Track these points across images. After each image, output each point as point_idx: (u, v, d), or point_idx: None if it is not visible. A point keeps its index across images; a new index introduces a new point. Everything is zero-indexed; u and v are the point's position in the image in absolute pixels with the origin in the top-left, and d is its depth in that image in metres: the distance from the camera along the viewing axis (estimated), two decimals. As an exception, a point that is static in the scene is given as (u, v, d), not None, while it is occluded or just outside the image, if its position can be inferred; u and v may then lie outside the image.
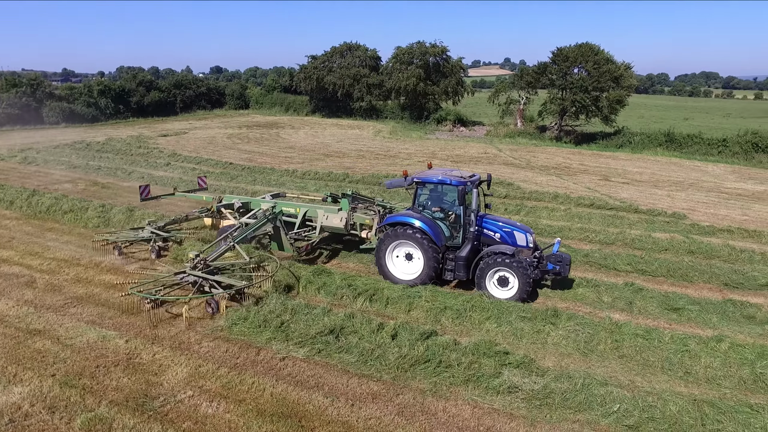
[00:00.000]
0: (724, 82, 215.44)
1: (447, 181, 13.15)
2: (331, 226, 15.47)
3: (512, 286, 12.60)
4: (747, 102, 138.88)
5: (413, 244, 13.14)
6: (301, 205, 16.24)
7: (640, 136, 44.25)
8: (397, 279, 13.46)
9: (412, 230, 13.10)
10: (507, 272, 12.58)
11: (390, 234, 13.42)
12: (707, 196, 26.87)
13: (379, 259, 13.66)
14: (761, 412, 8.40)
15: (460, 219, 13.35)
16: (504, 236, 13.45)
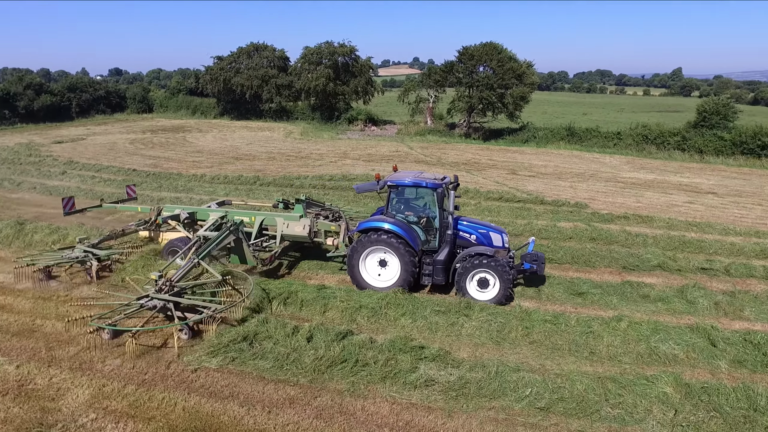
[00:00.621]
0: (617, 79, 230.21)
1: (422, 184, 12.83)
2: (293, 234, 14.54)
3: (492, 288, 12.47)
4: (637, 98, 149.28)
5: (389, 249, 12.64)
6: (257, 213, 15.03)
7: (543, 131, 46.30)
8: (371, 287, 12.89)
9: (387, 235, 12.58)
10: (487, 274, 12.41)
11: (364, 240, 12.79)
12: (606, 186, 28.51)
13: (352, 267, 13.02)
14: (656, 383, 8.97)
15: (435, 222, 13.09)
16: (480, 237, 13.28)
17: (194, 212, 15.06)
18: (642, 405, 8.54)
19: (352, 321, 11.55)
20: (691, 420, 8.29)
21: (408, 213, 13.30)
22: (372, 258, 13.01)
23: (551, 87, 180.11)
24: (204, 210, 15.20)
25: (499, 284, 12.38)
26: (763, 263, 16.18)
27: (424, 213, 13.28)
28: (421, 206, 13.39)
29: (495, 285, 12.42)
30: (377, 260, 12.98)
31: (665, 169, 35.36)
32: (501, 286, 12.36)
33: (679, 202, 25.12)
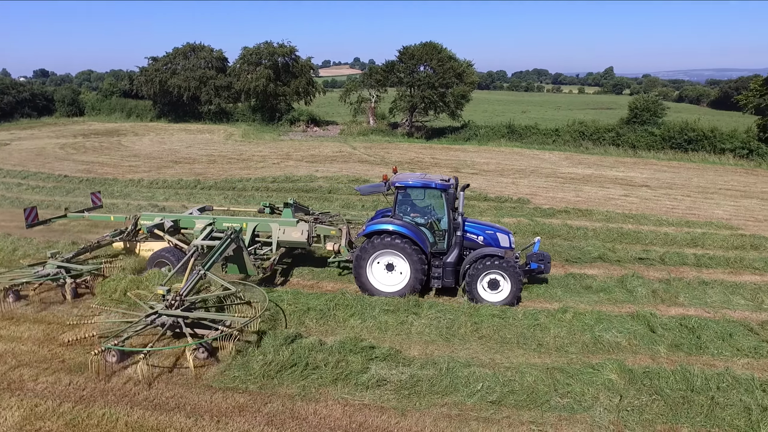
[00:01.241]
0: (553, 78, 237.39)
1: (431, 185, 12.56)
2: (290, 240, 13.90)
3: (503, 289, 12.32)
4: (573, 96, 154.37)
5: (398, 253, 12.30)
6: (249, 219, 14.25)
7: (485, 129, 47.12)
8: (379, 292, 12.51)
9: (396, 238, 12.25)
10: (498, 275, 12.25)
11: (372, 244, 12.37)
12: (546, 182, 29.24)
13: (359, 272, 12.57)
14: (601, 370, 9.22)
15: (443, 224, 12.82)
16: (487, 239, 13.06)
17: (177, 220, 14.30)
18: (589, 393, 8.74)
19: (301, 324, 11.33)
20: (635, 404, 8.55)
21: (415, 215, 13.03)
22: (379, 262, 12.62)
23: (490, 86, 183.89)
24: (188, 217, 14.40)
25: (510, 285, 12.27)
26: (694, 251, 16.94)
27: (432, 214, 13.02)
28: (429, 208, 13.11)
29: (506, 286, 12.31)
30: (384, 264, 12.60)
31: (601, 164, 36.64)
32: (512, 287, 12.26)
33: (616, 196, 26.05)
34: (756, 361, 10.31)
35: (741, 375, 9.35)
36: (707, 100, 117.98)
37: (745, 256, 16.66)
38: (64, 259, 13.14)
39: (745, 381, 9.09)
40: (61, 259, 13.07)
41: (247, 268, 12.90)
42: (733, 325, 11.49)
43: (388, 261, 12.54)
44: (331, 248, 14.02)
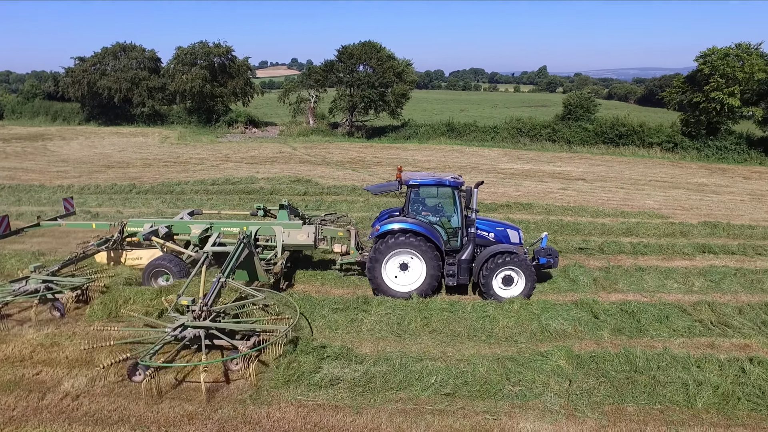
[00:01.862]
0: (489, 77, 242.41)
1: (445, 183, 12.48)
2: (296, 243, 13.43)
3: (517, 285, 12.40)
4: (509, 94, 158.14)
5: (414, 252, 12.14)
6: (250, 223, 13.51)
7: (425, 128, 47.58)
8: (394, 293, 12.28)
9: (412, 237, 12.09)
10: (512, 271, 12.34)
11: (386, 243, 12.14)
12: (487, 177, 29.70)
13: (374, 273, 12.31)
14: (550, 357, 9.43)
15: (456, 221, 12.72)
16: (498, 235, 13.02)
17: (170, 226, 13.58)
18: (540, 380, 8.92)
19: (249, 326, 11.05)
20: (584, 387, 8.79)
21: (427, 213, 12.90)
22: (393, 262, 12.40)
23: (429, 85, 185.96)
24: (182, 223, 13.71)
25: (524, 281, 12.34)
26: (630, 240, 17.65)
27: (444, 212, 12.93)
28: (442, 206, 13.02)
29: (520, 282, 12.39)
30: (398, 264, 12.40)
31: (539, 159, 37.68)
32: (527, 283, 12.34)
33: (554, 189, 26.83)
34: (690, 340, 10.86)
35: (678, 353, 9.78)
36: (634, 97, 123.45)
37: (675, 242, 17.50)
38: (50, 273, 11.96)
39: (682, 359, 9.52)
40: (46, 273, 11.86)
41: (258, 274, 12.30)
42: (669, 308, 12.04)
43: (402, 260, 12.37)
44: (339, 250, 13.67)
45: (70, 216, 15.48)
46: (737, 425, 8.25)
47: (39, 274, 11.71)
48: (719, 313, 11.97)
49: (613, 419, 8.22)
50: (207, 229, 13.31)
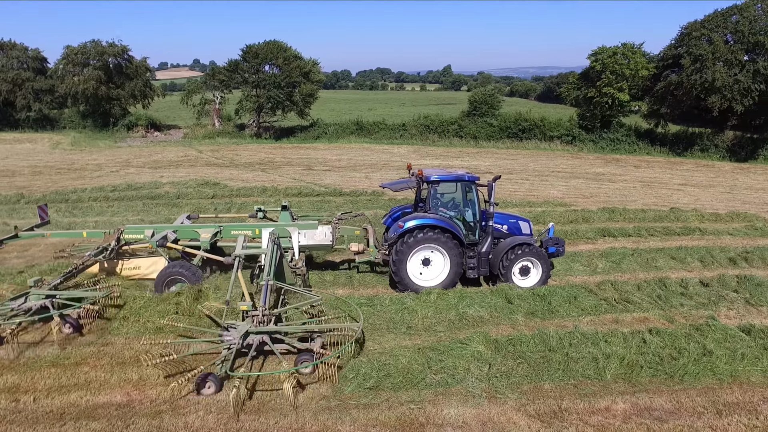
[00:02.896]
0: (396, 76, 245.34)
1: (465, 178, 12.73)
2: (313, 244, 13.18)
3: (534, 275, 12.87)
4: (415, 93, 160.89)
5: (438, 247, 12.30)
6: (263, 225, 13.21)
7: (334, 127, 47.44)
8: (419, 287, 12.34)
9: (436, 233, 12.21)
10: (529, 262, 12.78)
11: (412, 240, 12.18)
12: (398, 174, 30.00)
13: (400, 270, 12.32)
14: (469, 344, 9.60)
15: (474, 215, 12.96)
16: (511, 228, 13.44)
17: (175, 231, 12.97)
18: (461, 366, 9.06)
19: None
20: (503, 370, 9.03)
21: (447, 208, 13.06)
22: (415, 258, 12.45)
23: (336, 85, 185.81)
24: (188, 227, 13.16)
25: (541, 270, 12.83)
26: (537, 228, 18.36)
27: (463, 206, 13.14)
28: (461, 200, 13.21)
29: (537, 271, 12.87)
30: (420, 260, 12.49)
31: (448, 155, 38.59)
32: (543, 272, 12.83)
33: (463, 183, 27.47)
34: (597, 318, 11.48)
35: (587, 331, 10.27)
36: (534, 94, 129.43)
37: (579, 228, 18.48)
38: (52, 287, 10.84)
39: (591, 335, 10.00)
40: (48, 288, 10.73)
41: (285, 277, 11.78)
42: (576, 289, 12.65)
43: (424, 256, 12.49)
44: (356, 249, 13.53)
45: (45, 225, 14.34)
46: (641, 391, 8.78)
47: (39, 288, 10.60)
48: (621, 291, 12.73)
49: (531, 397, 8.48)
50: (216, 233, 12.87)
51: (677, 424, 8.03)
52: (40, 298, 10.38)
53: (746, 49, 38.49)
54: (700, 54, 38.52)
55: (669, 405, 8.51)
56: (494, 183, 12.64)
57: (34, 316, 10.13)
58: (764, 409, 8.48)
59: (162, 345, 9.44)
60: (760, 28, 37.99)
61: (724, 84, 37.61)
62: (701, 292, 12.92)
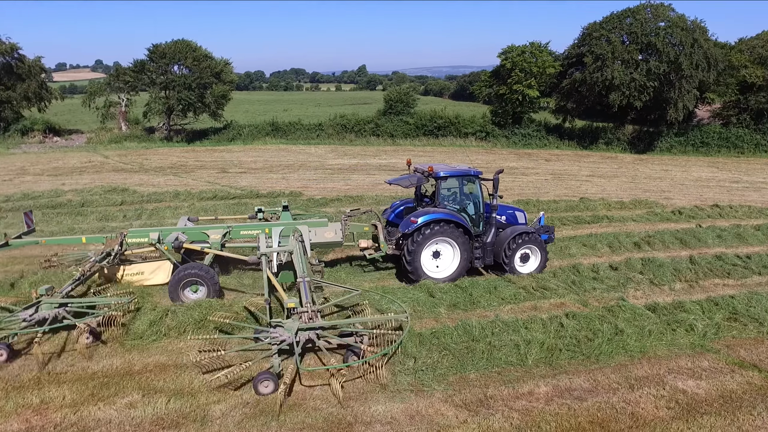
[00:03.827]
0: (311, 77, 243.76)
1: (471, 172, 13.32)
2: (324, 241, 13.27)
3: (532, 261, 13.63)
4: (331, 93, 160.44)
5: (450, 239, 12.83)
6: (274, 224, 13.18)
7: (248, 128, 46.29)
8: (433, 279, 12.83)
9: (450, 227, 12.73)
10: (529, 249, 13.53)
11: (425, 233, 12.59)
12: (315, 174, 29.82)
13: (415, 263, 12.72)
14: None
15: (479, 208, 13.52)
16: (508, 218, 14.17)
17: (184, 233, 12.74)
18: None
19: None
20: (428, 363, 9.03)
21: (454, 202, 13.56)
22: (427, 251, 12.87)
23: (250, 86, 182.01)
24: (197, 229, 12.95)
25: (539, 257, 13.61)
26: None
27: (469, 200, 13.68)
28: (466, 194, 13.76)
29: (535, 258, 13.64)
30: (431, 253, 12.93)
31: (365, 153, 38.62)
32: (541, 258, 13.63)
33: (382, 181, 27.55)
34: (517, 306, 11.79)
35: (508, 319, 10.54)
36: (448, 92, 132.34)
37: (495, 220, 18.88)
38: (65, 295, 10.31)
39: (512, 323, 10.25)
40: (62, 296, 10.17)
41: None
42: (496, 279, 12.99)
43: (434, 249, 12.95)
44: (366, 245, 13.64)
45: (31, 233, 13.55)
46: (561, 373, 9.08)
47: (51, 297, 10.02)
48: (538, 279, 13.14)
49: (458, 388, 8.54)
50: (225, 233, 12.71)
51: (595, 402, 8.34)
52: (52, 307, 9.82)
53: (640, 49, 41.07)
54: (600, 53, 40.71)
55: (587, 384, 8.83)
56: (497, 177, 13.22)
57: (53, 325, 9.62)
58: (669, 380, 9.00)
59: (209, 341, 9.39)
60: (651, 30, 40.65)
61: (622, 82, 39.97)
62: (611, 276, 13.57)
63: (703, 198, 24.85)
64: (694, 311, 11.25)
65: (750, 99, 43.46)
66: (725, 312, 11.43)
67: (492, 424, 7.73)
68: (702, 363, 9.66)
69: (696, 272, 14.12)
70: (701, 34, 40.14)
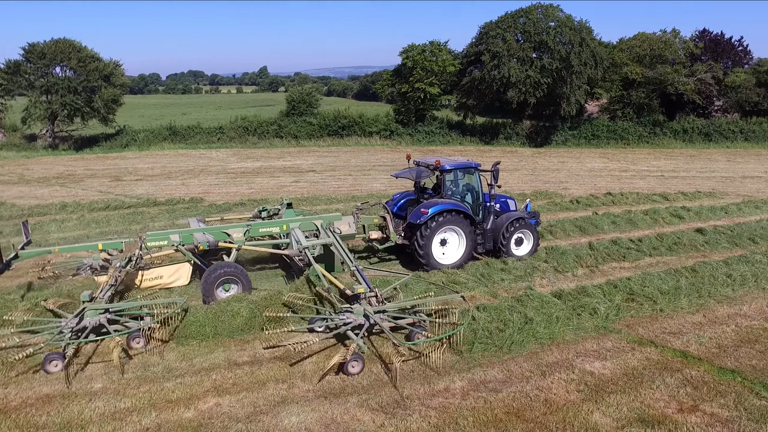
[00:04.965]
0: (210, 79, 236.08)
1: (473, 165, 14.33)
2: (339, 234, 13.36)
3: (525, 244, 14.68)
4: (232, 95, 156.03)
5: (457, 228, 13.64)
6: (292, 220, 13.51)
7: (144, 134, 43.79)
8: (442, 266, 13.60)
9: (456, 215, 13.52)
10: (523, 234, 14.56)
11: (435, 223, 13.31)
12: (217, 179, 28.67)
13: (426, 250, 13.44)
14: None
15: (479, 197, 14.49)
16: (502, 205, 15.05)
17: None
18: (296, 368, 8.52)
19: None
20: (342, 368, 8.65)
21: (456, 193, 14.32)
22: (435, 239, 13.55)
23: (144, 90, 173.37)
24: (217, 228, 12.90)
25: (532, 240, 14.70)
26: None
27: (471, 190, 14.60)
28: (468, 185, 14.60)
29: (528, 242, 14.69)
30: (438, 241, 13.61)
31: (269, 156, 37.66)
32: (533, 241, 14.73)
33: (287, 183, 27.02)
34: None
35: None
36: (351, 92, 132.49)
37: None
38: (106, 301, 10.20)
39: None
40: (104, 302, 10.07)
41: (334, 266, 12.89)
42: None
43: (441, 237, 13.67)
44: (376, 236, 14.44)
45: (28, 244, 13.30)
46: (476, 366, 9.10)
47: (96, 304, 9.86)
48: (448, 274, 13.16)
49: (373, 391, 8.31)
50: (246, 231, 12.90)
51: (510, 392, 8.37)
52: (97, 314, 9.74)
53: (534, 47, 42.84)
54: (496, 51, 42.05)
55: (501, 375, 8.86)
56: (496, 168, 14.08)
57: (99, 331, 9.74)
58: (578, 363, 9.24)
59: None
60: (542, 30, 42.56)
61: (519, 79, 41.51)
62: (518, 266, 13.83)
63: (597, 187, 26.20)
64: (596, 295, 11.69)
65: (632, 94, 46.60)
66: (623, 293, 11.98)
67: (410, 425, 7.54)
68: (606, 344, 10.01)
69: (595, 257, 14.75)
70: (587, 34, 42.46)
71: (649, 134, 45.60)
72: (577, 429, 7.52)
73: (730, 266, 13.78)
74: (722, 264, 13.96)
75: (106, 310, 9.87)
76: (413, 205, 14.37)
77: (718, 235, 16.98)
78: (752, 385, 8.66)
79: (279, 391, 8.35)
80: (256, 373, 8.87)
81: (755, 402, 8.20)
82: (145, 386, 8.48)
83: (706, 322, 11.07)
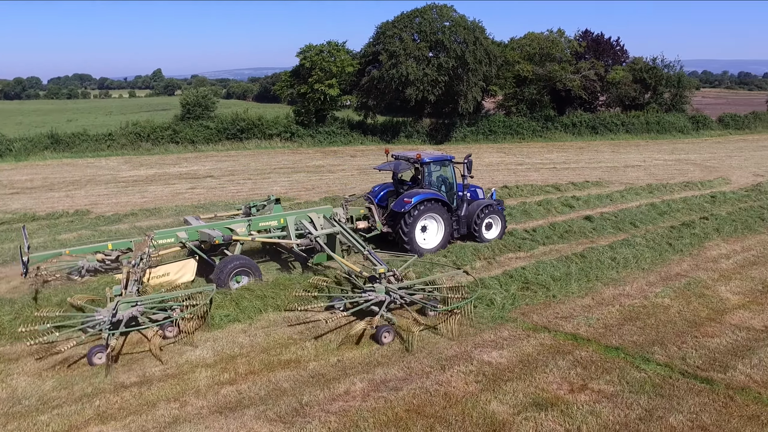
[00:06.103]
0: (98, 83, 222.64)
1: (449, 158, 15.59)
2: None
3: (494, 229, 16.03)
4: (123, 100, 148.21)
5: (436, 215, 14.83)
6: (288, 214, 14.10)
7: (21, 142, 40.16)
8: (424, 251, 14.71)
9: (436, 203, 14.70)
10: (492, 219, 15.88)
11: (417, 211, 14.37)
12: (107, 188, 26.89)
13: (411, 238, 14.55)
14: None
15: (454, 187, 15.71)
16: (472, 194, 16.18)
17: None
18: (185, 386, 8.03)
19: None
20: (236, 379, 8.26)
21: (434, 183, 15.34)
22: (417, 226, 14.59)
23: (23, 95, 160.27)
24: (222, 223, 13.37)
25: (500, 224, 16.08)
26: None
27: (447, 180, 15.65)
28: (444, 176, 15.61)
29: (497, 226, 16.08)
30: (419, 227, 14.70)
31: (164, 162, 35.88)
32: (502, 226, 16.10)
33: (183, 190, 25.82)
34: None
35: (321, 319, 10.10)
36: (251, 95, 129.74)
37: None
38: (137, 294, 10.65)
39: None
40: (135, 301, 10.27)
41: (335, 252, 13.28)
42: (297, 277, 12.52)
43: (422, 224, 14.77)
44: (363, 226, 15.30)
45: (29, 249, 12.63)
46: (376, 366, 8.97)
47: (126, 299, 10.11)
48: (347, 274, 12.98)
49: (270, 402, 7.97)
50: (248, 225, 13.49)
51: (410, 389, 8.34)
52: (129, 307, 10.06)
53: (430, 46, 43.73)
54: (394, 51, 42.51)
55: (401, 373, 8.82)
56: (469, 160, 15.36)
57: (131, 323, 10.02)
58: (476, 355, 9.39)
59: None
60: (437, 29, 43.56)
61: (417, 77, 42.20)
62: (417, 262, 13.84)
63: (495, 181, 27.07)
64: (493, 286, 11.99)
65: (525, 91, 48.88)
66: (518, 283, 12.38)
67: (309, 434, 7.29)
68: (503, 333, 10.25)
69: (492, 249, 15.18)
70: (480, 33, 43.92)
71: (541, 129, 48.03)
72: (476, 419, 7.60)
73: (615, 250, 14.66)
74: (608, 248, 14.83)
75: (138, 302, 10.20)
76: (393, 196, 15.57)
77: (604, 222, 18.05)
78: (633, 360, 9.20)
79: (170, 411, 7.85)
80: (145, 394, 8.30)
81: (636, 375, 8.69)
82: (14, 423, 7.67)
83: (594, 305, 11.65)
